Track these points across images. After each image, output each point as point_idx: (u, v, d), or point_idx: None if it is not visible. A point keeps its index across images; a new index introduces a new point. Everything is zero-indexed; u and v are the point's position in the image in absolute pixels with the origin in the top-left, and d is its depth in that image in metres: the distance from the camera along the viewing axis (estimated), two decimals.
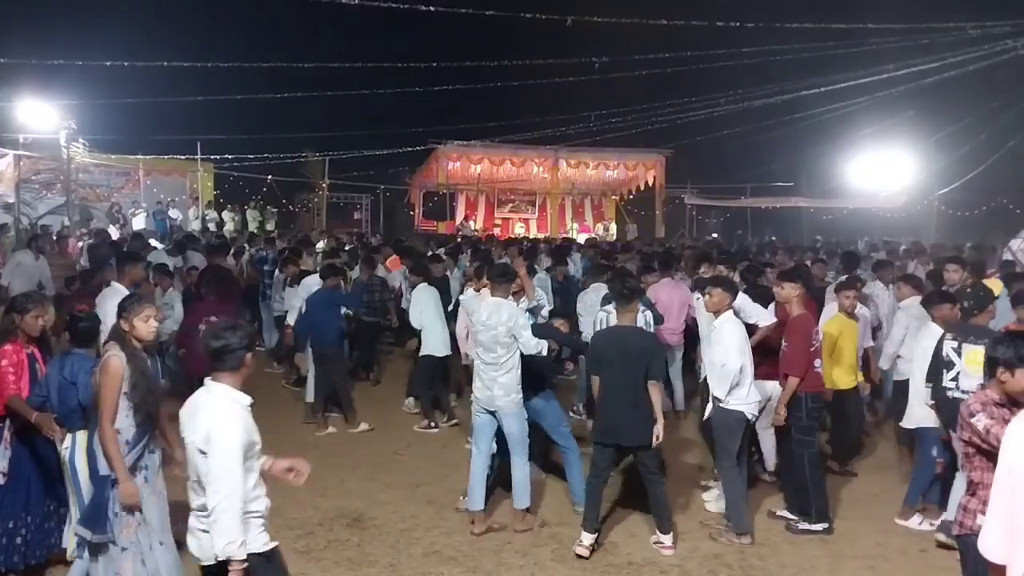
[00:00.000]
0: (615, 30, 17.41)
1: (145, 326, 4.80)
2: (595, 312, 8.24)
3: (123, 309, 4.85)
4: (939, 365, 6.02)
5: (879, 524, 6.66)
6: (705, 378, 6.84)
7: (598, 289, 9.11)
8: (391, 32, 44.49)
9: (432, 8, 14.34)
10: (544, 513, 6.80)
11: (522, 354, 6.46)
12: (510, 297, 6.63)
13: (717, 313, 6.41)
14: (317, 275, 10.30)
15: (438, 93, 23.79)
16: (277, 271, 12.25)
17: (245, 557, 3.50)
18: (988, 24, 16.98)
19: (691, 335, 9.34)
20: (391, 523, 6.63)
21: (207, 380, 3.77)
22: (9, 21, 30.59)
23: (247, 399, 3.78)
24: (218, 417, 3.60)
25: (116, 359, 4.63)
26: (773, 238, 27.03)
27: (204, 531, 3.60)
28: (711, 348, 6.51)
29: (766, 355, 6.76)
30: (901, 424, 6.98)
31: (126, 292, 8.50)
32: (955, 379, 5.85)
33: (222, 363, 3.71)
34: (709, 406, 6.53)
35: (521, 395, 6.45)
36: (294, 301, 10.29)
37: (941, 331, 6.26)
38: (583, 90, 25.55)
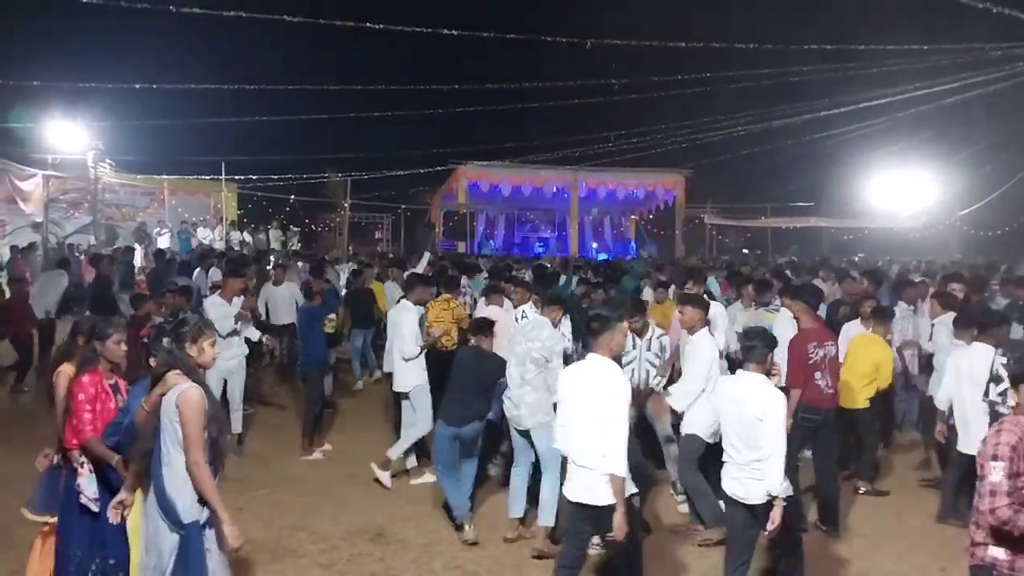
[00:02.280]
0: (634, 52, 17.54)
1: (212, 351, 4.40)
2: None
3: (193, 333, 4.33)
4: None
5: (902, 542, 6.68)
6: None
7: None
8: (414, 54, 44.95)
9: (454, 32, 14.52)
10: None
11: (491, 368, 6.86)
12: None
13: (691, 330, 6.60)
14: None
15: (459, 114, 24.01)
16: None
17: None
18: (1008, 45, 16.97)
19: None
20: (413, 538, 6.70)
21: (748, 366, 5.01)
22: (40, 45, 31.17)
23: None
24: (770, 395, 4.85)
25: (196, 391, 4.12)
26: (794, 259, 26.94)
27: (755, 479, 4.80)
28: (685, 365, 6.80)
29: None
30: (961, 449, 6.75)
31: (229, 306, 8.74)
32: (1003, 393, 6.16)
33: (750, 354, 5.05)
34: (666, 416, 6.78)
35: (551, 418, 6.38)
36: None
37: (991, 349, 6.49)
38: (603, 111, 25.75)
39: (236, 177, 27.95)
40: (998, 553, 3.86)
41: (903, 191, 28.37)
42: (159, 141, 29.42)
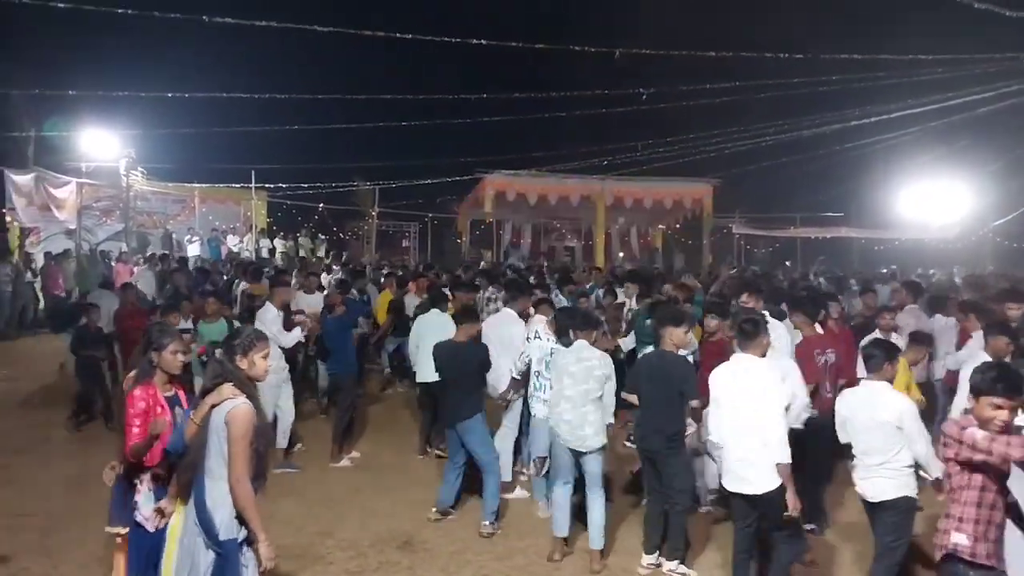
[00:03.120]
0: (663, 61, 17.50)
1: (264, 363, 4.28)
2: None
3: (244, 345, 4.23)
4: None
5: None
6: None
7: None
8: (443, 64, 45.21)
9: (483, 41, 14.57)
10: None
11: (477, 373, 7.14)
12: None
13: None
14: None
15: (487, 123, 24.09)
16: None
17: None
18: None
19: None
20: (441, 546, 6.70)
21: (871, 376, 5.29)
22: (74, 56, 31.72)
23: None
24: (902, 400, 5.23)
25: (246, 407, 4.05)
26: (837, 271, 26.63)
27: (885, 479, 5.12)
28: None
29: None
30: None
31: (280, 315, 8.82)
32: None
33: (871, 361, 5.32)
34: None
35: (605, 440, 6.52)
36: None
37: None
38: (630, 120, 25.72)
39: (266, 185, 28.23)
40: (959, 539, 4.02)
41: (935, 202, 28.03)
42: (190, 149, 29.92)
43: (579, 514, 6.71)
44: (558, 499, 6.59)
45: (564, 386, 6.52)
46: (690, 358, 7.40)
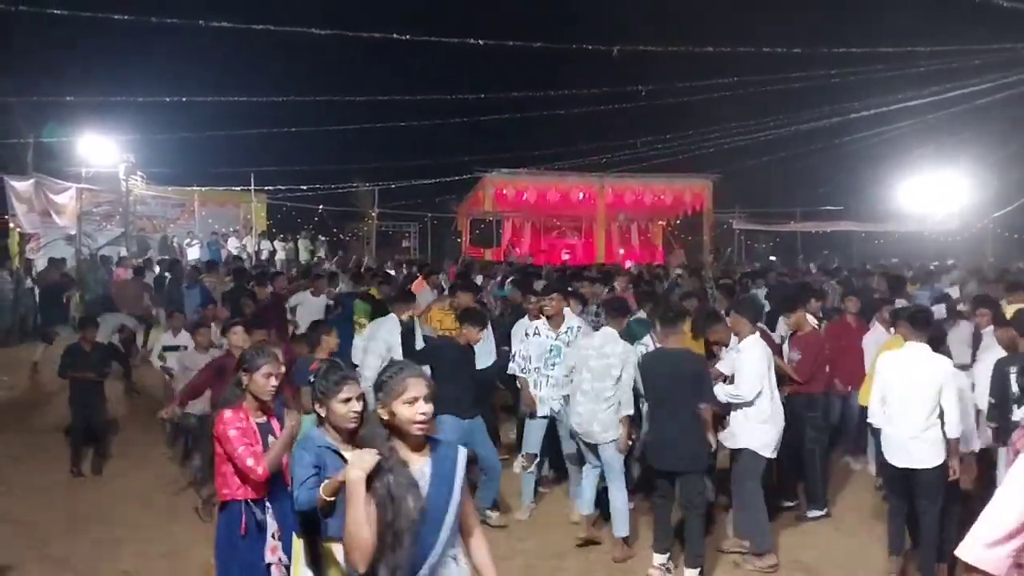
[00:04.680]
0: (661, 57, 17.48)
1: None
2: None
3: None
4: (1004, 392, 6.16)
5: None
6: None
7: None
8: (440, 64, 45.16)
9: (481, 41, 14.56)
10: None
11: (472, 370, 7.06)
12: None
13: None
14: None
15: (485, 123, 24.10)
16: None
17: None
18: None
19: None
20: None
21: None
22: (71, 61, 31.73)
23: None
24: (944, 362, 5.84)
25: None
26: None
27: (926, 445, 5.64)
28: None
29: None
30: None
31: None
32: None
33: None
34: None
35: (618, 433, 6.45)
36: None
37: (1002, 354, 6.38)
38: (629, 117, 25.67)
39: (265, 188, 28.23)
40: None
41: (935, 194, 28.00)
42: (189, 153, 29.92)
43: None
44: (584, 480, 6.72)
45: (583, 379, 6.52)
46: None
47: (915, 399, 5.75)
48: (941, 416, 5.70)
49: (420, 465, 2.93)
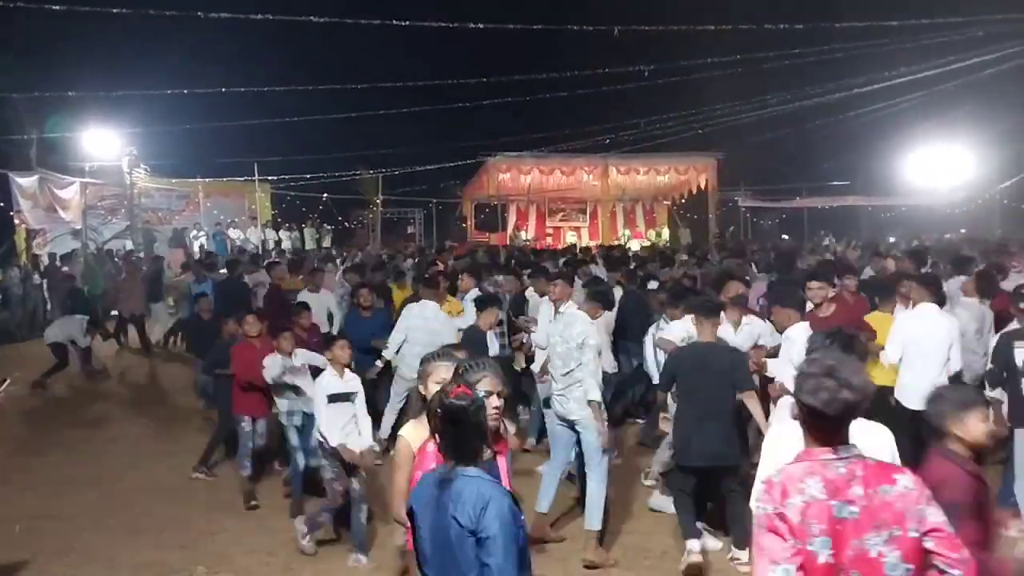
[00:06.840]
0: (663, 36, 17.40)
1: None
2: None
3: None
4: (1007, 367, 6.22)
5: None
6: None
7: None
8: (442, 48, 44.94)
9: (482, 25, 14.51)
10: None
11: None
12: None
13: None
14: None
15: (487, 106, 23.99)
16: None
17: None
18: None
19: None
20: None
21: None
22: (72, 55, 31.65)
23: None
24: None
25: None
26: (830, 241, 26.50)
27: None
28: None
29: None
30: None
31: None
32: None
33: None
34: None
35: (589, 414, 6.24)
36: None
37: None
38: (633, 97, 25.56)
39: (269, 177, 28.18)
40: None
41: (941, 166, 27.86)
42: (192, 144, 29.81)
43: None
44: (544, 477, 6.59)
45: (555, 366, 6.47)
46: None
47: (933, 350, 6.62)
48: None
49: None
